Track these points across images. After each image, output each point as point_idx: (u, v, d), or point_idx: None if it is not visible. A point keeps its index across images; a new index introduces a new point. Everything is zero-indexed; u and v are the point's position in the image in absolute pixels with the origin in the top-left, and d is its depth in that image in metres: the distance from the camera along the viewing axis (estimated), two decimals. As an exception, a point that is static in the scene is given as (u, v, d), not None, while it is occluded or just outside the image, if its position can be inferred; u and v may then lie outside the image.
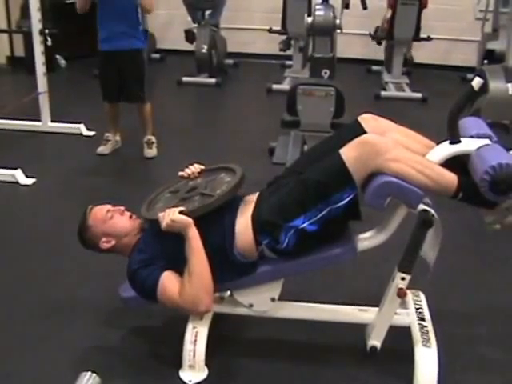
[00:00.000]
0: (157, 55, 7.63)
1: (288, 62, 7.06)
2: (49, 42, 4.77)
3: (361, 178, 2.10)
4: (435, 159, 2.15)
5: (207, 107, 6.19)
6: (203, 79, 6.59)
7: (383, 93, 6.19)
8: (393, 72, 6.53)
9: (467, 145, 2.15)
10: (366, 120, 2.32)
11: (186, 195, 2.33)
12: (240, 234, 2.20)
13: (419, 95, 6.08)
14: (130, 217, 2.37)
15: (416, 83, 6.53)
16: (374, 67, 7.20)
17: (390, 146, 2.08)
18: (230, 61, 7.41)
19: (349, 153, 2.08)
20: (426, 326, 2.33)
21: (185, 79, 6.58)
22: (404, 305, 2.49)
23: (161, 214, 2.18)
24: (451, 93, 4.31)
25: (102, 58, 4.40)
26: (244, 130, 5.30)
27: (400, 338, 2.33)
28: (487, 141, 2.16)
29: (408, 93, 6.25)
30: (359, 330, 2.38)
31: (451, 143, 2.17)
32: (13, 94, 6.21)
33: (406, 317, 2.40)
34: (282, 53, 6.72)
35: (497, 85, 3.98)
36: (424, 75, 7.03)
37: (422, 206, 2.16)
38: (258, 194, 2.34)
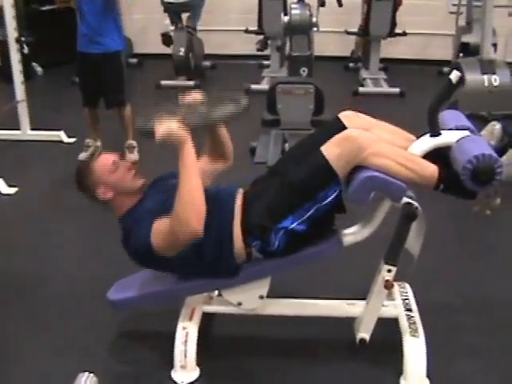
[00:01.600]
0: (134, 60, 7.61)
1: (266, 62, 7.09)
2: (25, 50, 4.76)
3: (344, 173, 2.12)
4: (417, 152, 2.18)
5: (187, 110, 6.18)
6: (182, 82, 6.59)
7: (361, 89, 6.24)
8: (370, 68, 6.59)
9: (447, 137, 2.18)
10: (348, 117, 2.34)
11: (185, 113, 2.16)
12: (235, 233, 2.20)
13: (397, 90, 6.13)
14: (135, 175, 2.28)
15: (393, 78, 6.60)
16: (352, 64, 7.25)
17: (371, 141, 2.11)
18: (207, 63, 7.41)
19: (331, 150, 2.10)
20: (413, 317, 2.37)
21: (163, 83, 6.58)
22: (391, 296, 2.54)
23: (157, 125, 2.04)
24: (428, 86, 4.35)
25: (79, 59, 4.36)
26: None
27: (388, 329, 2.37)
28: (467, 132, 2.19)
29: (385, 88, 6.31)
30: (348, 323, 2.41)
31: (432, 136, 2.20)
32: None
33: (394, 308, 2.44)
34: (259, 53, 6.74)
35: (473, 77, 4.03)
36: (401, 70, 7.10)
37: (405, 199, 2.19)
38: (243, 194, 2.34)
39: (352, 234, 2.30)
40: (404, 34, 6.46)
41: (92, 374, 1.24)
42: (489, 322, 2.65)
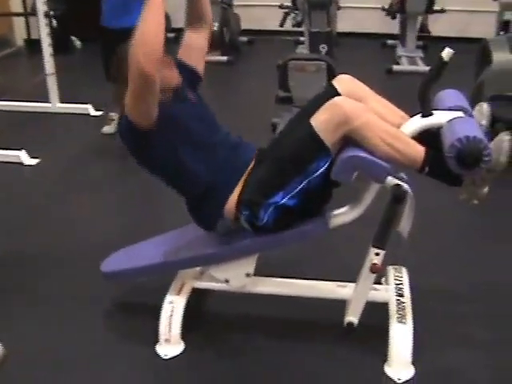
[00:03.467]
0: (172, 34, 7.59)
1: (302, 38, 6.97)
2: (54, 24, 4.82)
3: (334, 143, 2.04)
4: (406, 132, 2.11)
5: (217, 85, 6.18)
6: (215, 57, 6.56)
7: (395, 67, 6.08)
8: (406, 46, 6.40)
9: (439, 118, 2.10)
10: (343, 81, 2.27)
11: None
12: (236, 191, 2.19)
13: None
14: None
15: (431, 57, 6.38)
16: (389, 41, 7.07)
17: (360, 111, 2.03)
18: (244, 38, 7.36)
19: (318, 118, 2.04)
20: (403, 303, 2.31)
21: (196, 57, 6.56)
22: (386, 280, 2.49)
23: None
24: (467, 66, 4.23)
25: (102, 34, 4.36)
26: (251, 106, 5.29)
27: (381, 314, 2.32)
28: (460, 113, 2.11)
29: (421, 66, 6.11)
30: (339, 305, 2.37)
31: (423, 116, 2.13)
32: (27, 76, 6.29)
33: (385, 293, 2.39)
34: (296, 29, 6.63)
35: (501, 56, 3.87)
36: (440, 48, 6.86)
37: (394, 181, 2.13)
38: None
39: (341, 215, 2.25)
40: (442, 10, 6.23)
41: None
42: (491, 311, 2.56)
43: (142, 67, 1.96)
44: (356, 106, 2.06)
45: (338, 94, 2.17)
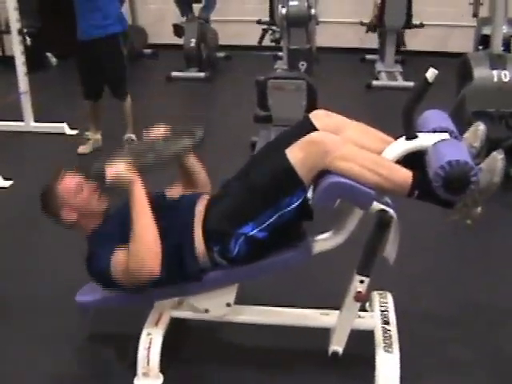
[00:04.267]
0: (149, 50, 7.54)
1: (280, 54, 6.92)
2: (28, 42, 4.72)
3: (309, 178, 1.99)
4: (390, 156, 2.05)
5: (195, 102, 6.11)
6: (192, 74, 6.49)
7: (374, 82, 6.04)
8: (385, 61, 6.37)
9: (424, 140, 2.04)
10: (318, 116, 2.21)
11: (141, 153, 2.18)
12: (196, 237, 2.11)
13: (411, 84, 5.90)
14: (100, 197, 2.22)
15: (410, 72, 6.37)
16: (368, 56, 7.05)
17: (337, 144, 1.97)
18: (221, 54, 7.29)
19: (295, 154, 1.98)
20: (389, 330, 2.24)
21: (174, 74, 6.48)
22: (371, 307, 2.42)
23: (107, 169, 2.05)
24: (446, 81, 4.19)
25: (80, 50, 4.29)
26: (229, 123, 5.21)
27: (366, 341, 2.24)
28: (445, 135, 2.05)
29: (400, 82, 6.09)
30: (323, 333, 2.29)
31: (407, 139, 2.06)
32: (1, 94, 6.15)
33: (370, 320, 2.31)
34: (274, 44, 6.60)
35: (481, 72, 3.84)
36: (420, 63, 6.83)
37: (380, 206, 2.06)
38: (208, 198, 2.24)
39: (324, 241, 2.18)
40: (421, 25, 6.22)
41: None
42: (476, 334, 2.51)
43: (149, 269, 1.99)
44: (332, 139, 2.00)
45: (314, 128, 2.12)
